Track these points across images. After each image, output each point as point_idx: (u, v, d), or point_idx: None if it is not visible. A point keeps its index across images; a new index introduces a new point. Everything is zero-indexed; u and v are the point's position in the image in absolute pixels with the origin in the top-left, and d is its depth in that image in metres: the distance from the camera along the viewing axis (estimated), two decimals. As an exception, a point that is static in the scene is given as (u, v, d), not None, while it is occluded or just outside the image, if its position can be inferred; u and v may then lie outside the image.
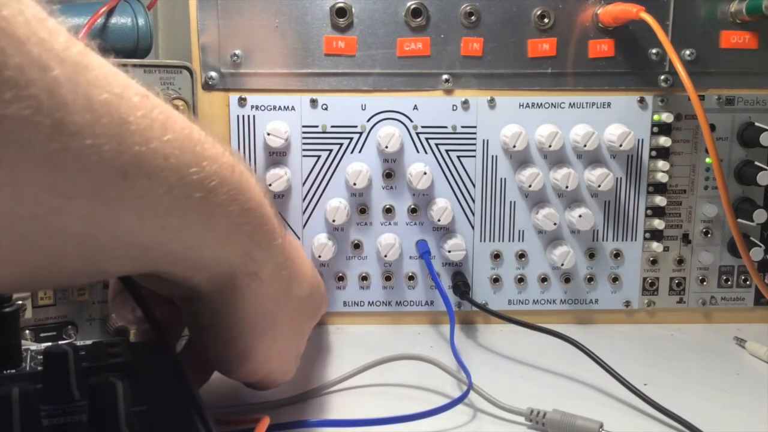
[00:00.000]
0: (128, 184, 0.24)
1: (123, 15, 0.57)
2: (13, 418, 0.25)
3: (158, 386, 0.33)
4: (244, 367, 0.37)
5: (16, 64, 0.19)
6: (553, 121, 0.59)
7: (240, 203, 0.31)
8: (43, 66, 0.20)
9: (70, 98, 0.21)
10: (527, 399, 0.45)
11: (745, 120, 0.60)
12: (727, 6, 0.58)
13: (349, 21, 0.58)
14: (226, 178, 0.29)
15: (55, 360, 0.29)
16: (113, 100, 0.23)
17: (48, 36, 0.21)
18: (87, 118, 0.21)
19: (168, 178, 0.26)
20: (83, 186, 0.22)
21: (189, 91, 0.54)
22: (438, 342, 0.58)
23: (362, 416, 0.44)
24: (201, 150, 0.28)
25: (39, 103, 0.20)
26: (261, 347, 0.37)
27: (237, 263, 0.32)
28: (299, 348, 0.45)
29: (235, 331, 0.35)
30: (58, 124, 0.20)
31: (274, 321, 0.37)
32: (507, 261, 0.61)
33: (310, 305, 0.43)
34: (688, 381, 0.51)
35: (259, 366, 0.38)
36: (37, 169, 0.20)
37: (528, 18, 0.58)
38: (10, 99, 0.19)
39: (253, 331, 0.36)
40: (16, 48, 0.19)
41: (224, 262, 0.32)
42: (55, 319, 0.50)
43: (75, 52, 0.22)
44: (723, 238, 0.62)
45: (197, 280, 0.32)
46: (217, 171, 0.29)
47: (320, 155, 0.59)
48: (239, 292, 0.33)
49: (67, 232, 0.23)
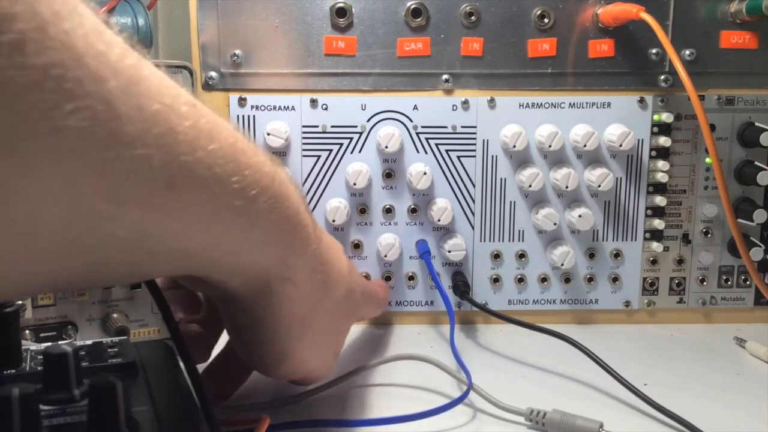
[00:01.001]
0: (175, 193, 0.24)
1: (123, 15, 0.57)
2: (13, 418, 0.25)
3: (158, 386, 0.33)
4: (282, 366, 0.38)
5: (75, 77, 0.20)
6: (553, 121, 0.59)
7: (278, 212, 0.31)
8: (99, 78, 0.20)
9: (123, 109, 0.21)
10: (527, 399, 0.45)
11: (745, 120, 0.60)
12: (727, 6, 0.58)
13: (349, 21, 0.58)
14: (266, 187, 0.30)
15: (55, 360, 0.29)
16: (163, 110, 0.23)
17: (105, 48, 0.21)
18: (138, 128, 0.22)
19: (211, 187, 0.26)
20: (133, 194, 0.23)
21: (189, 92, 0.53)
22: (438, 342, 0.58)
23: (362, 416, 0.44)
24: (244, 159, 0.28)
25: (95, 114, 0.20)
26: (298, 348, 0.38)
27: (272, 268, 0.33)
28: (338, 346, 0.45)
29: (271, 332, 0.36)
30: (111, 135, 0.21)
31: (311, 322, 0.38)
32: (507, 261, 0.61)
33: (347, 305, 0.43)
34: (688, 381, 0.51)
35: (297, 366, 0.39)
36: (92, 178, 0.21)
37: (528, 18, 0.58)
38: (70, 111, 0.19)
39: (290, 332, 0.36)
40: (76, 61, 0.20)
41: (260, 267, 0.32)
42: (55, 319, 0.49)
43: (129, 63, 0.22)
44: (723, 238, 0.62)
45: (233, 284, 0.32)
46: (258, 180, 0.29)
47: (320, 155, 0.59)
48: (274, 296, 0.34)
49: (115, 238, 0.23)
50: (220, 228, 0.28)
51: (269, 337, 0.36)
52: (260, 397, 0.46)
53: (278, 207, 0.31)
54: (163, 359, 0.37)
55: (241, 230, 0.29)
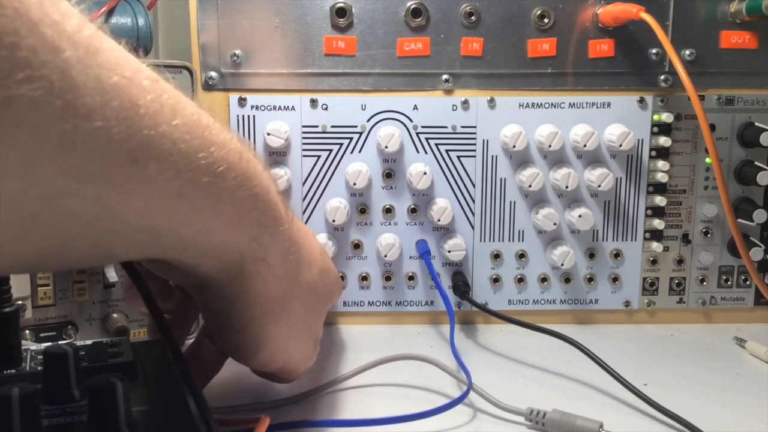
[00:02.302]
0: (137, 167, 0.24)
1: (123, 15, 0.57)
2: (13, 418, 0.25)
3: (158, 386, 0.32)
4: (260, 353, 0.38)
5: (29, 45, 0.19)
6: (553, 121, 0.59)
7: (247, 189, 0.31)
8: (55, 48, 0.20)
9: (80, 80, 0.21)
10: (527, 399, 0.45)
11: (745, 120, 0.60)
12: (727, 6, 0.58)
13: (349, 21, 0.58)
14: (233, 163, 0.29)
15: (55, 360, 0.29)
16: (123, 83, 0.23)
17: (61, 18, 0.21)
18: (97, 100, 0.22)
19: (176, 162, 0.26)
20: (93, 168, 0.22)
21: (189, 91, 0.54)
22: (438, 342, 0.58)
23: (362, 416, 0.44)
24: (209, 135, 0.28)
25: (50, 84, 0.20)
26: (275, 332, 0.37)
27: (245, 249, 0.33)
28: (316, 334, 0.45)
29: (248, 317, 0.35)
30: (68, 105, 0.21)
31: (287, 305, 0.38)
32: (507, 261, 0.61)
33: (321, 289, 0.43)
34: (688, 381, 0.51)
35: (275, 352, 0.39)
36: (49, 150, 0.21)
37: (528, 18, 0.58)
38: (23, 79, 0.19)
39: (266, 316, 0.36)
40: (30, 29, 0.19)
41: (232, 248, 0.32)
42: (55, 319, 0.50)
43: (87, 34, 0.22)
44: (723, 238, 0.62)
45: (207, 267, 0.32)
46: (225, 156, 0.29)
47: (320, 155, 0.59)
48: (248, 277, 0.34)
49: (76, 214, 0.23)
50: (186, 205, 0.27)
51: (246, 322, 0.36)
52: (260, 397, 0.46)
53: (247, 184, 0.31)
54: (163, 359, 0.37)
55: (210, 208, 0.29)
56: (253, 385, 0.47)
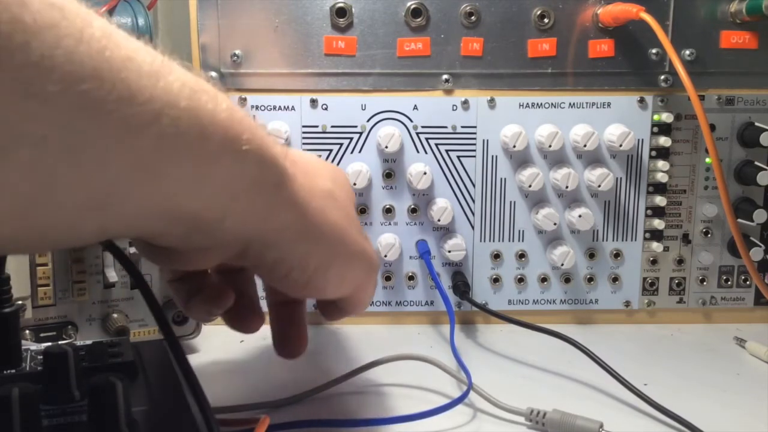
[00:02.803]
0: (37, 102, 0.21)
1: (123, 15, 0.57)
2: (13, 418, 0.25)
3: (158, 386, 0.33)
4: (338, 260, 0.36)
5: None
6: (553, 121, 0.59)
7: (230, 110, 0.29)
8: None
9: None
10: (527, 399, 0.45)
11: (745, 120, 0.60)
12: (727, 6, 0.58)
13: (349, 21, 0.58)
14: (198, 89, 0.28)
15: (55, 360, 0.29)
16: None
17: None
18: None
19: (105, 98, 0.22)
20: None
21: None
22: (438, 342, 0.58)
23: (362, 416, 0.44)
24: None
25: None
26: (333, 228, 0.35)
27: (256, 175, 0.30)
28: (358, 226, 0.41)
29: (296, 245, 0.33)
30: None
31: (324, 208, 0.35)
32: (507, 261, 0.61)
33: (341, 187, 0.40)
34: (688, 381, 0.51)
35: (350, 246, 0.37)
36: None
37: (528, 18, 0.58)
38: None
39: (308, 233, 0.34)
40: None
41: (244, 178, 0.29)
42: (55, 319, 0.50)
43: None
44: (723, 238, 0.62)
45: (230, 220, 0.29)
46: (185, 82, 0.27)
47: (320, 155, 0.59)
48: (272, 206, 0.31)
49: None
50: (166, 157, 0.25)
51: (300, 252, 0.33)
52: (260, 397, 0.46)
53: (233, 109, 0.29)
54: (163, 359, 0.37)
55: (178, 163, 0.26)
56: (253, 385, 0.47)
